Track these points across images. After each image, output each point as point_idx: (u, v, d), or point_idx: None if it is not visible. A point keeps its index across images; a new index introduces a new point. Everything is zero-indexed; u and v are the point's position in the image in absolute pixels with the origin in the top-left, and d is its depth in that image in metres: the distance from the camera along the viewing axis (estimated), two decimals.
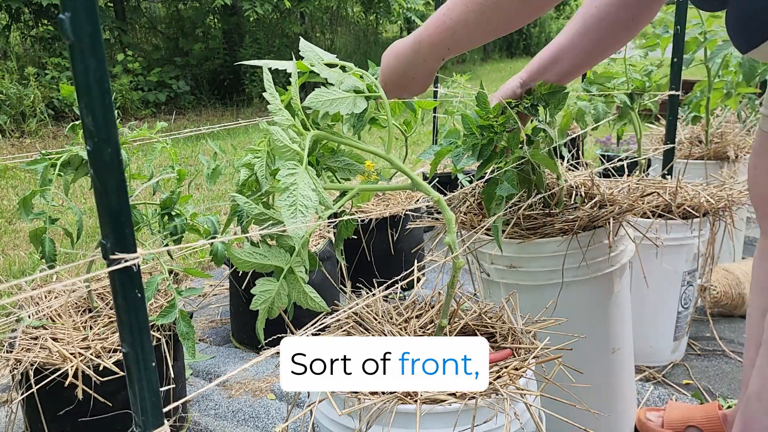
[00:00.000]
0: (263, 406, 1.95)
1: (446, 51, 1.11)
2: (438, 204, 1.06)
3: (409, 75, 1.15)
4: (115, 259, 0.71)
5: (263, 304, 0.94)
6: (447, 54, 1.11)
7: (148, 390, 0.78)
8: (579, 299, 1.49)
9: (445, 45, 1.09)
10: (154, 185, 1.69)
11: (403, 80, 1.17)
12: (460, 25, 1.05)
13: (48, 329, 1.59)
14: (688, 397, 1.90)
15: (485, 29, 1.05)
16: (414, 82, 1.17)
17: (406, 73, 1.15)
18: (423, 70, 1.14)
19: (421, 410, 0.93)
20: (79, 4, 0.65)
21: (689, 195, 1.92)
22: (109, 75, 0.70)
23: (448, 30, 1.06)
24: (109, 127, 0.69)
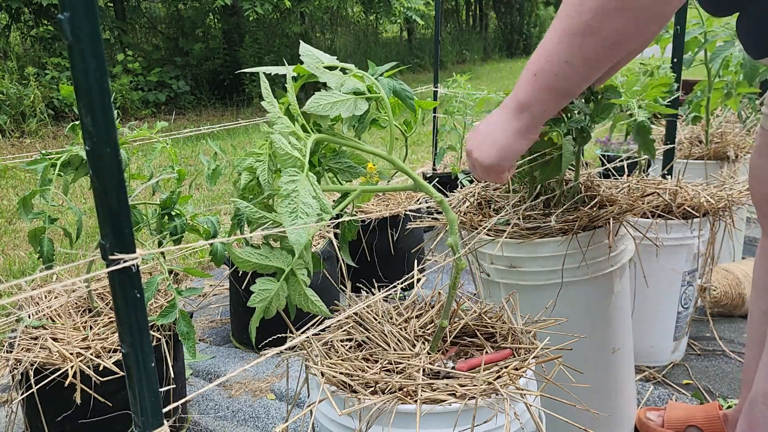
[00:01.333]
0: (263, 407, 1.95)
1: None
2: (440, 204, 1.06)
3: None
4: (114, 259, 0.71)
5: (261, 303, 0.94)
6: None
7: (147, 390, 0.78)
8: (579, 299, 1.49)
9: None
10: (153, 185, 1.69)
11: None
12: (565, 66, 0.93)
13: (48, 329, 1.59)
14: (688, 397, 1.90)
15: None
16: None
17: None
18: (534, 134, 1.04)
19: (421, 410, 0.93)
20: (79, 4, 0.65)
21: (689, 195, 1.92)
22: (108, 75, 0.69)
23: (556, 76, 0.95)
24: (109, 127, 0.69)
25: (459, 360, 1.08)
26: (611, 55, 0.89)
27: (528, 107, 0.98)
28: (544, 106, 0.97)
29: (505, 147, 1.02)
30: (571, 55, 0.90)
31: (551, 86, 0.94)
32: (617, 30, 0.86)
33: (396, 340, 1.13)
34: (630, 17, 0.84)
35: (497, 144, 1.02)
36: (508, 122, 1.01)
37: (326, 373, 1.01)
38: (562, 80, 0.93)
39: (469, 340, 1.17)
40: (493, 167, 1.04)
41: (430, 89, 3.69)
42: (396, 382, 0.97)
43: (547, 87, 0.94)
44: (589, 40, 0.87)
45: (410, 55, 13.01)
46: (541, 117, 0.99)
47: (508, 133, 1.01)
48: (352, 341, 1.15)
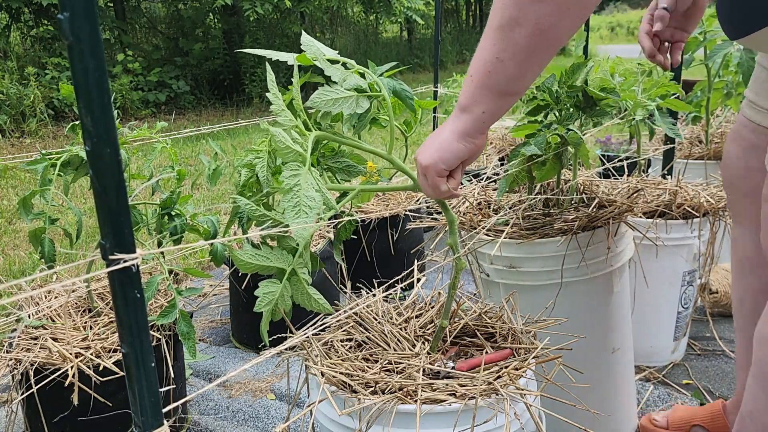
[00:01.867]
0: (263, 407, 1.95)
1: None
2: (440, 205, 1.06)
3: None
4: (114, 259, 0.71)
5: (267, 306, 0.94)
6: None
7: (147, 390, 0.78)
8: (579, 299, 1.49)
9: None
10: (153, 185, 1.69)
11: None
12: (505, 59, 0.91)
13: (48, 329, 1.59)
14: (688, 397, 1.90)
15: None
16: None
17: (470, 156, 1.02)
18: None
19: (421, 410, 0.93)
20: (78, 4, 0.65)
21: (689, 195, 1.92)
22: (108, 75, 0.69)
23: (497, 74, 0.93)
24: (108, 127, 0.69)
25: (459, 360, 1.08)
26: (539, 46, 0.87)
27: (467, 108, 0.96)
28: (483, 107, 0.94)
29: (444, 147, 0.98)
30: (501, 50, 0.88)
31: (486, 85, 0.92)
32: (540, 18, 0.85)
33: (396, 340, 1.13)
34: (550, 4, 0.84)
35: (436, 144, 0.99)
36: (450, 124, 0.99)
37: (326, 373, 1.01)
38: (495, 78, 0.91)
39: (469, 340, 1.17)
40: (430, 167, 0.99)
41: (430, 89, 3.69)
42: (396, 382, 0.97)
43: (483, 86, 0.93)
44: (515, 32, 0.86)
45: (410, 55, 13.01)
46: (482, 118, 0.96)
47: (448, 135, 0.98)
48: (352, 341, 1.15)
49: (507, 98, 0.94)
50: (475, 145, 0.98)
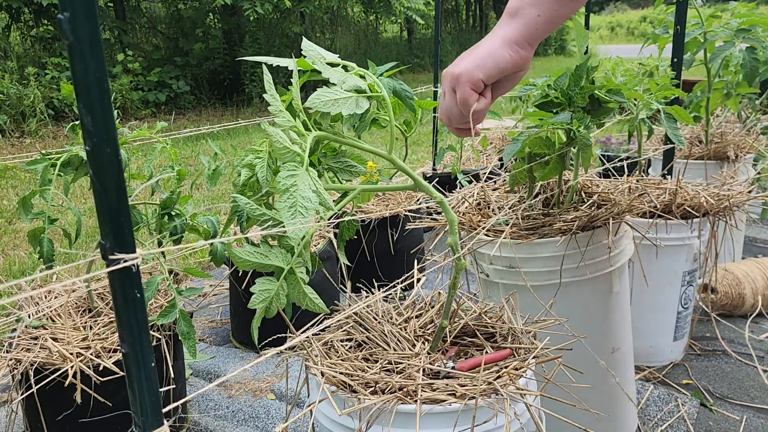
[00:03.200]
0: (263, 407, 1.95)
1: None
2: (440, 204, 1.06)
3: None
4: (114, 259, 0.71)
5: (261, 303, 0.94)
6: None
7: (147, 390, 0.78)
8: (578, 299, 1.49)
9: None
10: (153, 185, 1.69)
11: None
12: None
13: (48, 329, 1.59)
14: (688, 397, 1.90)
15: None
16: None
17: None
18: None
19: (421, 410, 0.93)
20: (78, 4, 0.65)
21: (689, 195, 1.92)
22: (108, 75, 0.69)
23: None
24: (109, 127, 0.69)
25: (459, 360, 1.08)
26: None
27: (518, 12, 0.84)
28: (538, 8, 0.82)
29: (486, 52, 0.85)
30: None
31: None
32: None
33: (396, 340, 1.13)
34: None
35: (478, 49, 0.87)
36: (497, 30, 0.87)
37: (326, 373, 1.01)
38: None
39: (469, 340, 1.17)
40: (464, 75, 0.86)
41: (430, 89, 3.69)
42: (396, 382, 0.97)
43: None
44: None
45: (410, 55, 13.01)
46: (535, 25, 0.83)
47: (494, 40, 0.86)
48: (352, 341, 1.15)
49: (565, 2, 0.81)
50: (520, 57, 0.85)
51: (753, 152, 2.62)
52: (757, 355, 2.13)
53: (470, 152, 3.69)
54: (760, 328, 2.29)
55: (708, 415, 1.84)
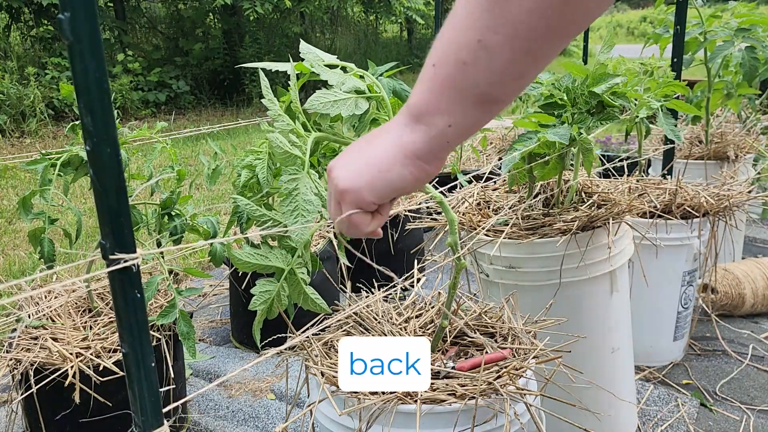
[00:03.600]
0: (263, 406, 1.95)
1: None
2: (440, 204, 1.06)
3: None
4: (114, 259, 0.71)
5: (262, 305, 0.94)
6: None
7: (147, 390, 0.78)
8: (578, 299, 1.49)
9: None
10: (153, 185, 1.69)
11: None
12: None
13: (48, 329, 1.59)
14: (688, 397, 1.90)
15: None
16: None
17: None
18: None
19: (421, 410, 0.93)
20: (79, 4, 0.65)
21: (689, 195, 1.92)
22: (108, 75, 0.69)
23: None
24: (108, 127, 0.69)
25: (459, 360, 1.08)
26: (554, 25, 0.54)
27: (424, 116, 0.63)
28: (450, 117, 0.61)
29: (378, 167, 0.66)
30: (488, 29, 0.55)
31: (458, 84, 0.59)
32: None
33: None
34: None
35: (367, 159, 0.67)
36: (394, 134, 0.66)
37: (326, 373, 1.01)
38: (474, 75, 0.58)
39: (469, 340, 1.16)
40: (350, 193, 0.68)
41: None
42: None
43: (452, 85, 0.59)
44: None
45: (410, 55, 13.00)
46: (445, 135, 0.63)
47: (390, 150, 0.65)
48: None
49: (487, 108, 0.61)
50: (426, 173, 0.66)
51: (753, 152, 2.62)
52: (758, 355, 2.13)
53: (470, 152, 3.69)
54: (760, 328, 2.29)
55: (708, 415, 1.84)
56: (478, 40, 0.56)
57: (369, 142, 0.68)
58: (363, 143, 0.69)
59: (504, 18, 0.54)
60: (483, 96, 0.60)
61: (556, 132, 1.35)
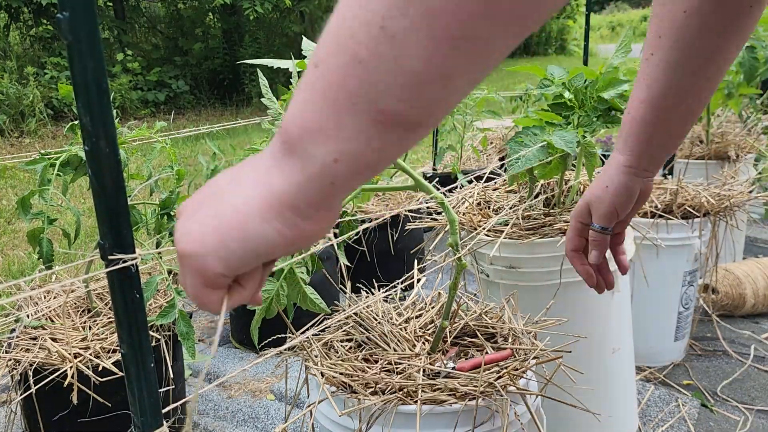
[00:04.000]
0: (263, 407, 1.94)
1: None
2: (441, 205, 1.05)
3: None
4: (113, 259, 0.71)
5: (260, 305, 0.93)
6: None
7: (146, 391, 0.78)
8: (579, 300, 1.49)
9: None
10: (152, 185, 1.68)
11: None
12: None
13: (47, 329, 1.59)
14: (689, 397, 1.90)
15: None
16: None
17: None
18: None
19: (421, 411, 0.92)
20: (78, 4, 0.65)
21: (690, 195, 1.91)
22: (107, 74, 0.69)
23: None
24: (107, 127, 0.69)
25: (459, 360, 1.07)
26: (493, 3, 0.35)
27: (299, 145, 0.41)
28: (337, 145, 0.40)
29: (232, 226, 0.44)
30: (394, 8, 0.36)
31: (350, 92, 0.39)
32: None
33: (396, 340, 1.13)
34: None
35: (222, 214, 0.45)
36: (263, 172, 0.44)
37: (326, 373, 1.01)
38: (373, 76, 0.38)
39: (469, 340, 1.16)
40: (191, 258, 0.46)
41: None
42: (396, 383, 0.97)
43: (342, 95, 0.39)
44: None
45: None
46: (329, 175, 0.41)
47: (252, 199, 0.44)
48: (351, 341, 1.14)
49: (396, 132, 0.40)
50: (302, 234, 0.45)
51: (754, 152, 2.62)
52: (759, 355, 2.12)
53: (470, 152, 3.69)
54: (761, 329, 2.29)
55: (709, 415, 1.84)
56: (380, 26, 0.36)
57: (234, 179, 0.46)
58: (226, 180, 0.46)
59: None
60: (386, 113, 0.39)
61: (562, 137, 1.34)
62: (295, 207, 0.43)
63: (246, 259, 0.46)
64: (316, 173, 0.41)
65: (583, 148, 1.44)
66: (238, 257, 0.45)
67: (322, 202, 0.43)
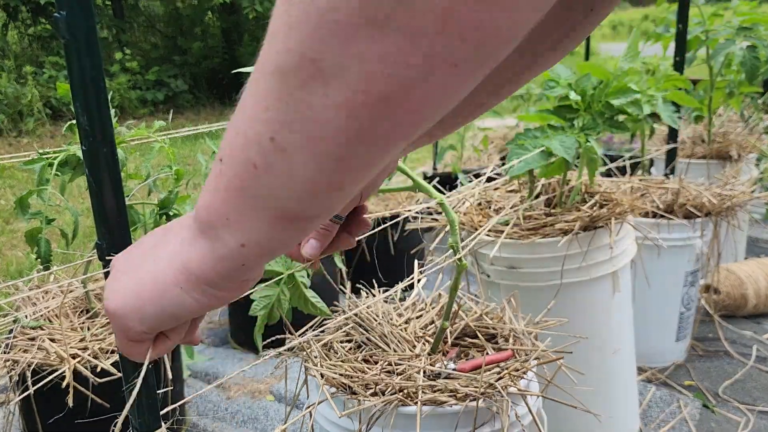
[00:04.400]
0: (262, 408, 1.94)
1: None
2: (441, 205, 1.05)
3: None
4: (111, 260, 0.70)
5: (263, 310, 0.93)
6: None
7: (145, 392, 0.77)
8: (580, 300, 1.48)
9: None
10: (150, 185, 1.67)
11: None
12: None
13: (45, 330, 1.58)
14: (690, 398, 1.90)
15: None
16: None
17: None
18: None
19: (421, 412, 0.92)
20: (75, 3, 0.64)
21: (692, 195, 1.91)
22: (105, 74, 0.68)
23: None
24: (105, 126, 0.68)
25: (460, 361, 1.07)
26: (367, 127, 0.36)
27: (209, 228, 0.44)
28: (243, 235, 0.43)
29: (152, 292, 0.48)
30: (281, 123, 0.37)
31: (250, 191, 0.41)
32: (379, 62, 0.33)
33: (396, 341, 1.12)
34: (406, 32, 0.32)
35: (143, 279, 0.48)
36: (176, 245, 0.47)
37: (326, 374, 1.00)
38: (268, 181, 0.39)
39: (470, 341, 1.15)
40: (115, 318, 0.50)
41: None
42: (396, 384, 0.96)
43: (243, 192, 0.41)
44: (319, 91, 0.35)
45: None
46: (239, 257, 0.44)
47: (169, 267, 0.47)
48: (351, 342, 1.14)
49: (295, 226, 0.42)
50: (218, 300, 0.48)
51: (755, 152, 2.61)
52: (760, 356, 2.12)
53: (471, 151, 3.68)
54: (763, 329, 2.28)
55: (710, 416, 1.83)
56: (270, 137, 0.38)
57: (159, 244, 0.49)
58: (151, 244, 0.50)
59: (301, 112, 0.36)
60: (285, 212, 0.41)
61: (562, 142, 1.33)
62: (210, 281, 0.46)
63: (164, 321, 0.49)
64: (226, 255, 0.44)
65: (584, 153, 1.43)
66: (157, 320, 0.49)
67: (237, 276, 0.46)
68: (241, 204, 0.42)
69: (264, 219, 0.42)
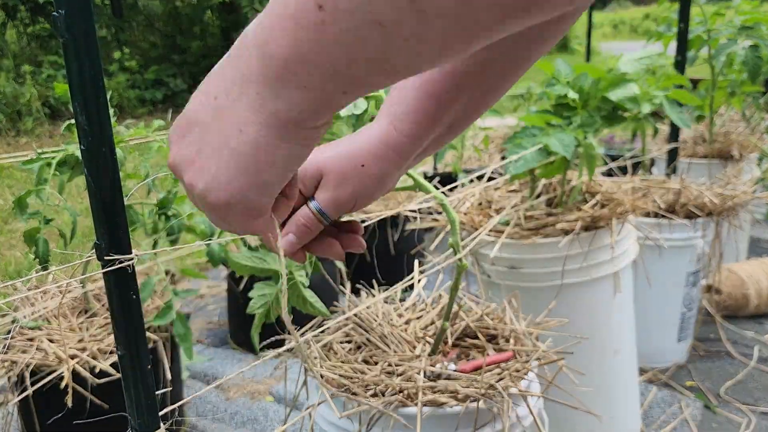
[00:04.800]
0: (261, 409, 1.93)
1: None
2: (441, 205, 1.04)
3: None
4: (109, 260, 0.70)
5: (260, 309, 0.92)
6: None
7: (144, 392, 0.77)
8: (581, 301, 1.48)
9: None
10: (149, 184, 1.67)
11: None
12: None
13: (44, 330, 1.57)
14: (692, 399, 1.89)
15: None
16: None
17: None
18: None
19: (422, 413, 0.91)
20: (74, 2, 0.63)
21: (693, 195, 1.90)
22: (104, 73, 0.68)
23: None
24: (104, 126, 0.67)
25: (460, 362, 1.06)
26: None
27: (292, 71, 0.39)
28: (330, 68, 0.38)
29: (252, 157, 0.44)
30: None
31: (310, 56, 0.38)
32: None
33: (396, 341, 1.11)
34: None
35: (237, 154, 0.44)
36: (256, 107, 0.42)
37: (326, 375, 1.00)
38: (333, 46, 0.37)
39: (470, 341, 1.15)
40: (234, 206, 0.46)
41: None
42: (396, 385, 0.96)
43: (307, 57, 0.38)
44: None
45: None
46: (324, 94, 0.40)
47: (259, 129, 0.43)
48: (351, 343, 1.13)
49: (385, 69, 0.38)
50: (310, 144, 0.45)
51: (757, 152, 2.60)
52: (762, 356, 2.11)
53: (472, 151, 3.67)
54: (764, 329, 2.28)
55: (711, 417, 1.82)
56: (318, 4, 0.35)
57: (219, 115, 0.45)
58: (206, 119, 0.47)
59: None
60: (351, 77, 0.39)
61: (560, 140, 1.33)
62: (300, 121, 0.43)
63: (284, 178, 0.46)
64: (309, 95, 0.41)
65: (583, 151, 1.42)
66: (279, 179, 0.46)
67: (320, 114, 0.43)
68: (319, 41, 0.37)
69: (330, 77, 0.39)
